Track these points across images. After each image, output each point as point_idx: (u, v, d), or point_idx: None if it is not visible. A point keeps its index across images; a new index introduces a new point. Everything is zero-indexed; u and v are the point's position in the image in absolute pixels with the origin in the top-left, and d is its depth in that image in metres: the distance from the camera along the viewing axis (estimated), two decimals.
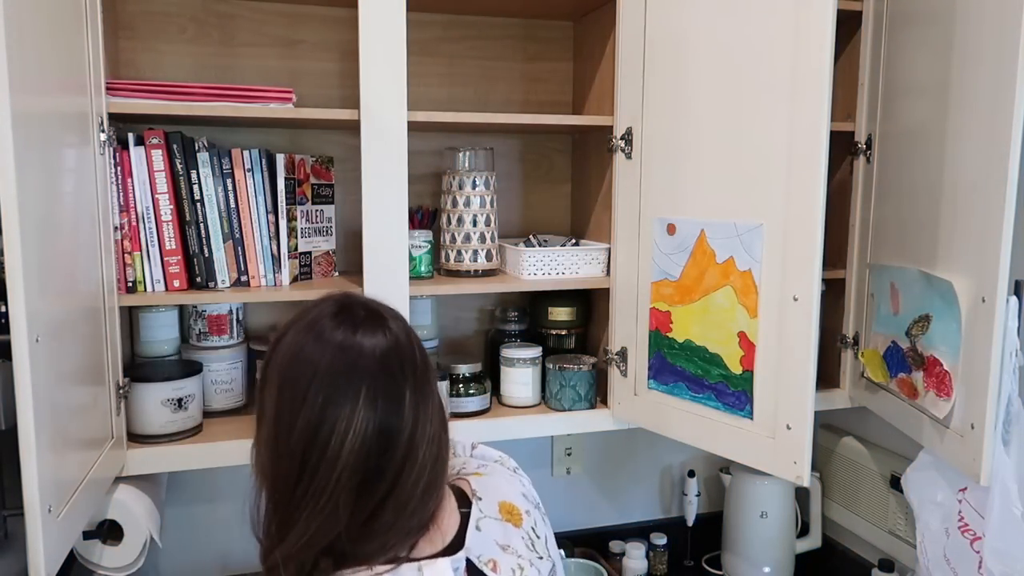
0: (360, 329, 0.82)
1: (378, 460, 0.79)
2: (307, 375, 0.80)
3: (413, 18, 1.36)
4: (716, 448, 1.38)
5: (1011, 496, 1.20)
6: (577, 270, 1.57)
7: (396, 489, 0.80)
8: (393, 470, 0.79)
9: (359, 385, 0.79)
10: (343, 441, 0.77)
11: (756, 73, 1.25)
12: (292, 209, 1.47)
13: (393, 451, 0.79)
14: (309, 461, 0.78)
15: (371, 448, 0.78)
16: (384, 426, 0.79)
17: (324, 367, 0.79)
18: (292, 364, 0.82)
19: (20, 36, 0.89)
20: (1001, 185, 1.13)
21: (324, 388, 0.79)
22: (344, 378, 0.79)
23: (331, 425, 0.78)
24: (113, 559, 1.34)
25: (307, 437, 0.78)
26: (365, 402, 0.78)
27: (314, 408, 0.78)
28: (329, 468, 0.77)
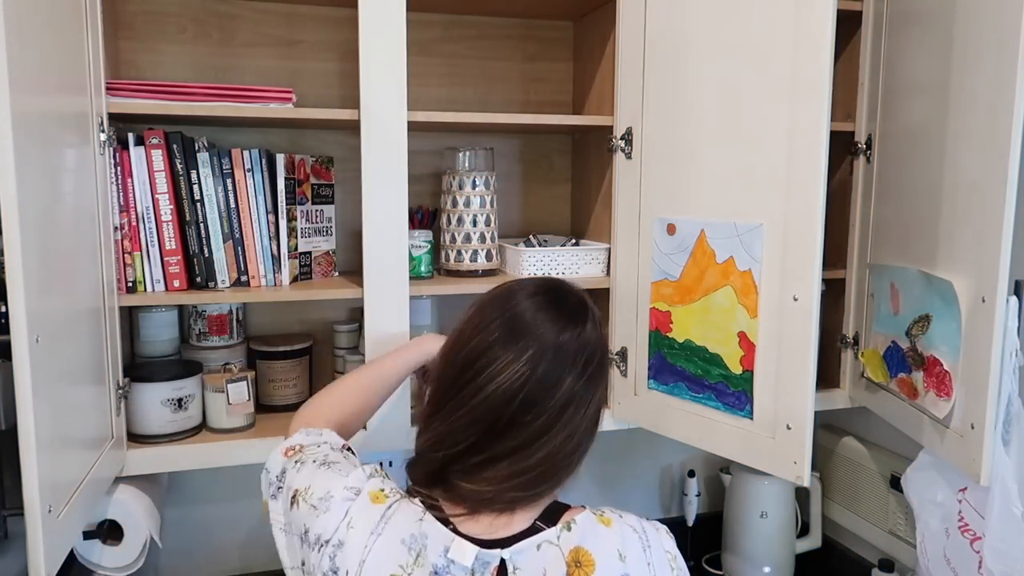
0: (562, 308, 0.90)
1: (513, 414, 0.85)
2: (498, 312, 0.90)
3: (413, 18, 1.36)
4: (716, 448, 1.38)
5: (1011, 496, 1.20)
6: (577, 270, 1.57)
7: (520, 452, 0.86)
8: (525, 434, 0.86)
9: (532, 344, 0.86)
10: (492, 379, 0.86)
11: (756, 73, 1.25)
12: (292, 209, 1.47)
13: (531, 417, 0.85)
14: (461, 378, 0.88)
15: (513, 399, 0.85)
16: (532, 390, 0.85)
17: (514, 313, 0.89)
18: (495, 298, 0.93)
19: (20, 36, 0.89)
20: (1001, 185, 1.13)
21: (503, 329, 0.88)
22: (524, 332, 0.87)
23: (490, 360, 0.86)
24: (113, 559, 1.34)
25: (470, 359, 0.88)
26: (528, 360, 0.86)
27: (486, 339, 0.88)
28: (472, 394, 0.86)
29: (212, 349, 1.52)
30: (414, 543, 0.86)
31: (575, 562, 0.86)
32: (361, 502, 0.90)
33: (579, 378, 0.88)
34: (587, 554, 0.87)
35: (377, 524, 0.88)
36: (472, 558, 0.85)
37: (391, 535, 0.87)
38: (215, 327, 1.52)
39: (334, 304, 1.66)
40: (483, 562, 0.85)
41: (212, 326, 1.52)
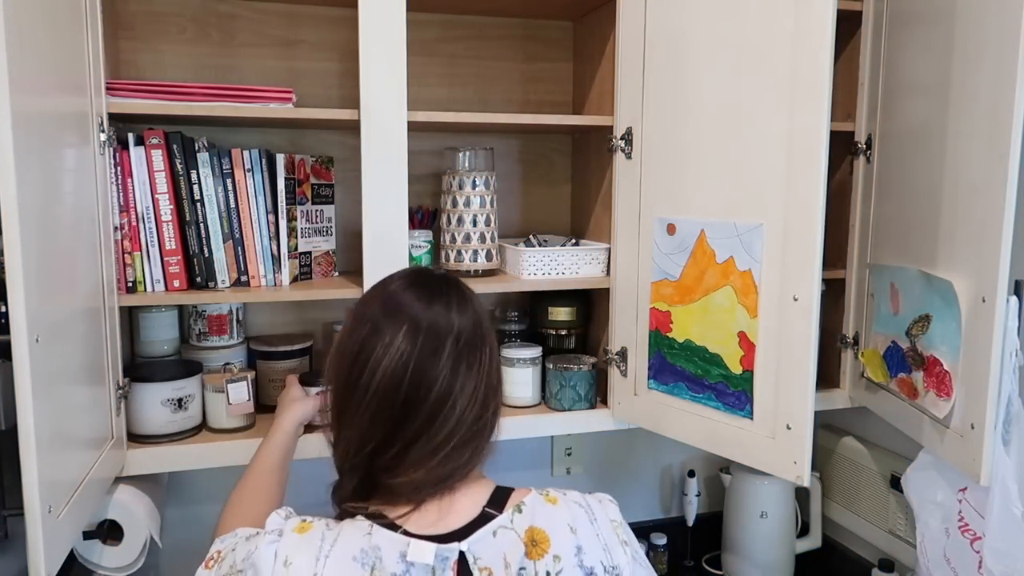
0: (427, 285, 0.94)
1: (408, 393, 0.87)
2: (370, 305, 0.93)
3: (413, 18, 1.36)
4: (716, 448, 1.38)
5: (1011, 496, 1.20)
6: (577, 270, 1.57)
7: (429, 431, 0.88)
8: (426, 411, 0.88)
9: (403, 322, 0.89)
10: (377, 367, 0.88)
11: (756, 73, 1.25)
12: (292, 209, 1.47)
13: (425, 392, 0.87)
14: (351, 379, 0.90)
15: (401, 380, 0.87)
16: (417, 364, 0.87)
17: (382, 301, 0.93)
18: (364, 298, 0.97)
19: (20, 36, 0.89)
20: (1001, 185, 1.13)
21: (375, 318, 0.91)
22: (394, 313, 0.90)
23: (371, 350, 0.89)
24: (113, 559, 1.34)
25: (353, 356, 0.90)
26: (404, 337, 0.88)
27: (362, 332, 0.90)
28: (364, 389, 0.88)
29: (212, 349, 1.52)
30: (366, 558, 0.84)
31: (531, 541, 0.87)
32: (288, 539, 0.87)
33: (457, 342, 0.90)
34: (541, 532, 0.88)
35: (320, 548, 0.85)
36: (432, 555, 0.84)
37: (340, 556, 0.84)
38: (215, 327, 1.52)
39: (334, 304, 1.66)
40: (442, 558, 0.85)
41: (212, 326, 1.52)
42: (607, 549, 0.90)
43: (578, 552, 0.88)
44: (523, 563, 0.86)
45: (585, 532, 0.90)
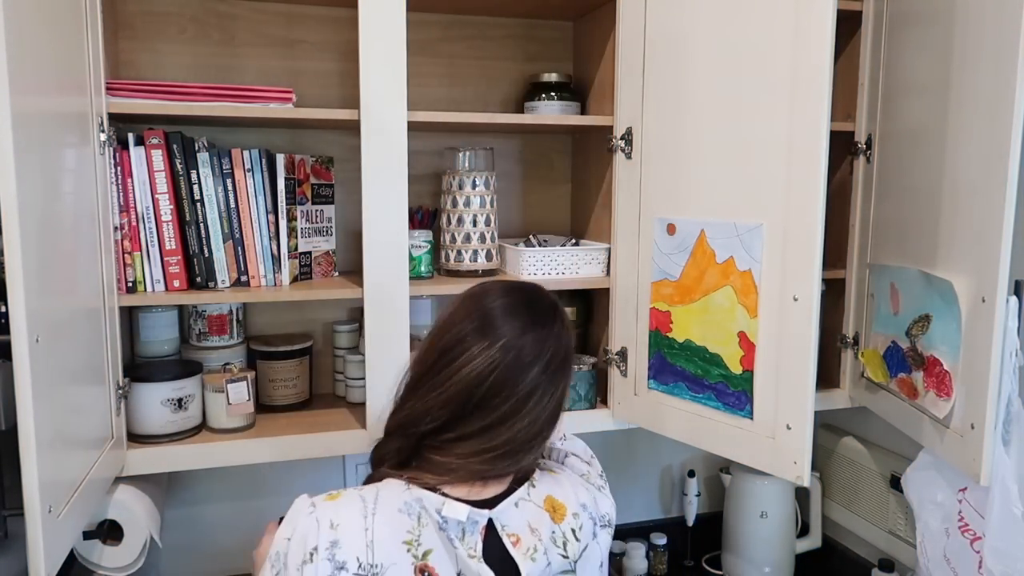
0: (533, 308, 0.98)
1: (483, 397, 0.92)
2: (476, 305, 0.97)
3: (413, 18, 1.36)
4: (716, 448, 1.38)
5: (1011, 496, 1.20)
6: (577, 270, 1.57)
7: (487, 433, 0.93)
8: (492, 416, 0.93)
9: (504, 336, 0.94)
10: (467, 363, 0.93)
11: (756, 73, 1.25)
12: (292, 209, 1.47)
13: (499, 400, 0.93)
14: (439, 363, 0.95)
15: (483, 383, 0.92)
16: (501, 375, 0.93)
17: (490, 307, 0.96)
18: (475, 293, 1.00)
19: (20, 36, 0.89)
20: (1001, 185, 1.13)
21: (479, 320, 0.95)
22: (498, 323, 0.95)
23: (466, 348, 0.94)
24: (113, 559, 1.34)
25: (448, 346, 0.95)
26: (500, 349, 0.93)
27: (464, 329, 0.95)
28: (447, 377, 0.93)
29: (212, 349, 1.52)
30: (411, 508, 0.92)
31: (552, 508, 0.99)
32: (324, 506, 0.92)
33: (544, 370, 0.95)
34: (557, 500, 1.00)
35: (364, 506, 0.92)
36: (465, 514, 0.92)
37: (386, 509, 0.91)
38: (215, 327, 1.52)
39: (334, 304, 1.66)
40: (473, 520, 0.93)
41: (212, 326, 1.52)
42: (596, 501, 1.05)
43: (584, 508, 1.02)
44: (552, 527, 0.97)
45: (579, 491, 1.03)
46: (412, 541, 0.90)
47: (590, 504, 1.03)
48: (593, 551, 1.01)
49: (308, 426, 1.47)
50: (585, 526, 1.00)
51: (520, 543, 0.94)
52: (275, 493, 1.71)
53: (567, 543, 0.97)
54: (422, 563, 0.90)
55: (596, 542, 1.02)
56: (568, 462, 1.14)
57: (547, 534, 0.96)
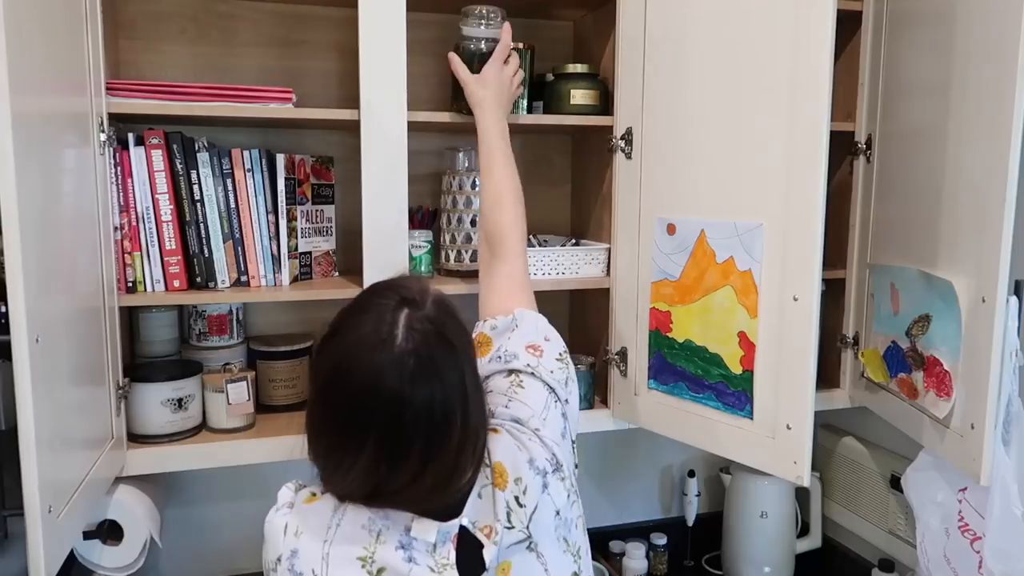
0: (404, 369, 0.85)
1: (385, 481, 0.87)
2: (340, 397, 0.87)
3: (413, 18, 1.36)
4: (716, 448, 1.38)
5: (1011, 496, 1.20)
6: (577, 270, 1.57)
7: (417, 480, 0.86)
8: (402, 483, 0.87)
9: (367, 439, 0.85)
10: (351, 465, 0.86)
11: (756, 73, 1.25)
12: (292, 209, 1.47)
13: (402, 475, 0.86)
14: (332, 458, 0.89)
15: (378, 469, 0.86)
16: (389, 464, 0.86)
17: (347, 408, 0.87)
18: (331, 381, 0.89)
19: (20, 36, 0.89)
20: (1001, 185, 1.13)
21: (337, 427, 0.88)
22: (358, 427, 0.86)
23: (341, 455, 0.87)
24: (113, 559, 1.34)
25: (330, 447, 0.89)
26: (372, 451, 0.85)
27: (331, 438, 0.88)
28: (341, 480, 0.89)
29: (212, 349, 1.52)
30: (373, 525, 0.89)
31: (498, 475, 0.93)
32: (299, 509, 0.93)
33: (426, 439, 0.86)
34: (501, 465, 0.94)
35: (331, 517, 0.90)
36: (434, 534, 0.88)
37: (349, 524, 0.89)
38: (215, 327, 1.52)
39: (334, 304, 1.64)
40: (444, 533, 0.89)
41: (212, 326, 1.52)
42: (535, 452, 0.96)
43: (531, 463, 0.95)
44: (498, 498, 0.91)
45: (522, 449, 0.96)
46: (366, 558, 0.88)
47: (533, 459, 0.96)
48: (544, 506, 0.95)
49: None
50: (531, 486, 0.94)
51: (492, 532, 0.91)
52: (274, 493, 1.71)
53: (511, 513, 0.91)
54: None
55: (547, 494, 0.95)
56: (500, 412, 1.03)
57: (501, 509, 0.91)
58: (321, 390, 0.90)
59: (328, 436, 0.89)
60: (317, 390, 0.91)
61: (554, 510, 0.96)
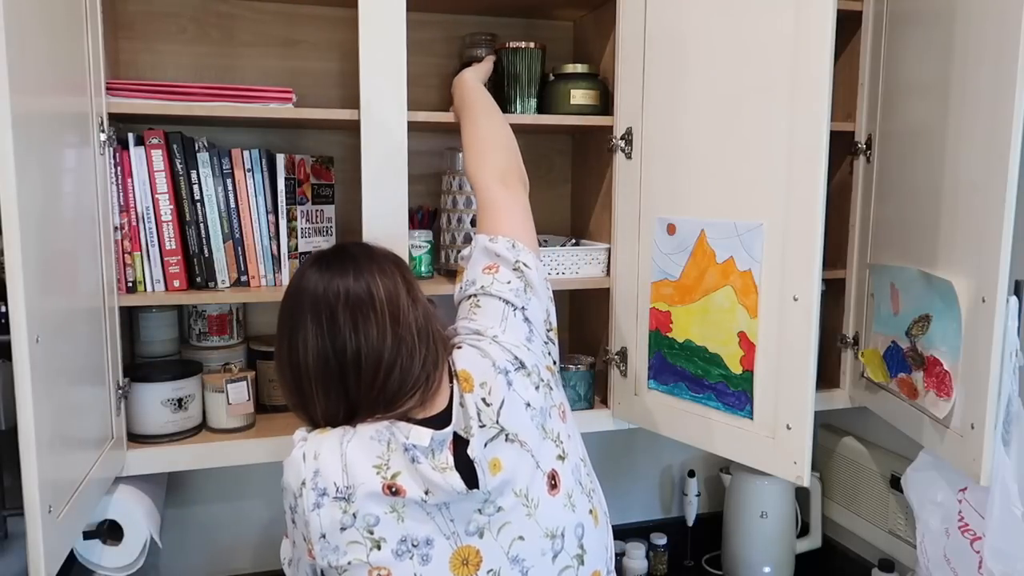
0: (324, 270, 1.05)
1: (336, 367, 1.02)
2: (284, 308, 1.07)
3: (413, 18, 1.36)
4: (716, 448, 1.38)
5: (1011, 496, 1.20)
6: (577, 270, 1.57)
7: (382, 391, 1.02)
8: (357, 372, 1.02)
9: (305, 316, 1.03)
10: (304, 354, 1.02)
11: (756, 73, 1.25)
12: (292, 209, 1.47)
13: (345, 361, 1.02)
14: (288, 370, 1.05)
15: (327, 359, 1.02)
16: (330, 345, 1.02)
17: (288, 302, 1.06)
18: (283, 298, 1.09)
19: (20, 36, 0.89)
20: (1001, 185, 1.13)
21: (287, 318, 1.06)
22: (296, 310, 1.04)
23: (294, 344, 1.03)
24: (113, 559, 1.34)
25: (285, 354, 1.05)
26: (313, 328, 1.02)
27: (284, 333, 1.06)
28: (301, 375, 1.03)
29: (212, 349, 1.52)
30: (381, 436, 0.99)
31: (464, 381, 1.05)
32: (312, 439, 1.01)
33: (350, 309, 1.03)
34: (466, 371, 1.06)
35: (344, 435, 1.00)
36: (428, 439, 0.98)
37: (360, 437, 1.00)
38: (215, 327, 1.52)
39: None
40: (439, 440, 0.99)
41: (212, 326, 1.52)
42: (494, 354, 1.08)
43: (493, 366, 1.06)
44: (466, 398, 1.03)
45: (481, 354, 1.08)
46: (381, 465, 0.98)
47: (495, 362, 1.07)
48: (512, 401, 1.05)
49: None
50: (494, 385, 1.05)
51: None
52: (275, 493, 1.71)
53: (480, 412, 1.02)
54: (390, 482, 0.97)
55: (513, 390, 1.05)
56: (461, 330, 1.17)
57: (471, 409, 1.02)
58: (278, 332, 1.08)
59: (286, 360, 1.05)
60: (277, 341, 1.08)
61: (523, 403, 1.06)
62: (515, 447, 1.02)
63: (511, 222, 1.22)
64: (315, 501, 0.97)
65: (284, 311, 1.07)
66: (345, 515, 0.96)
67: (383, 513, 0.96)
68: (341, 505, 0.96)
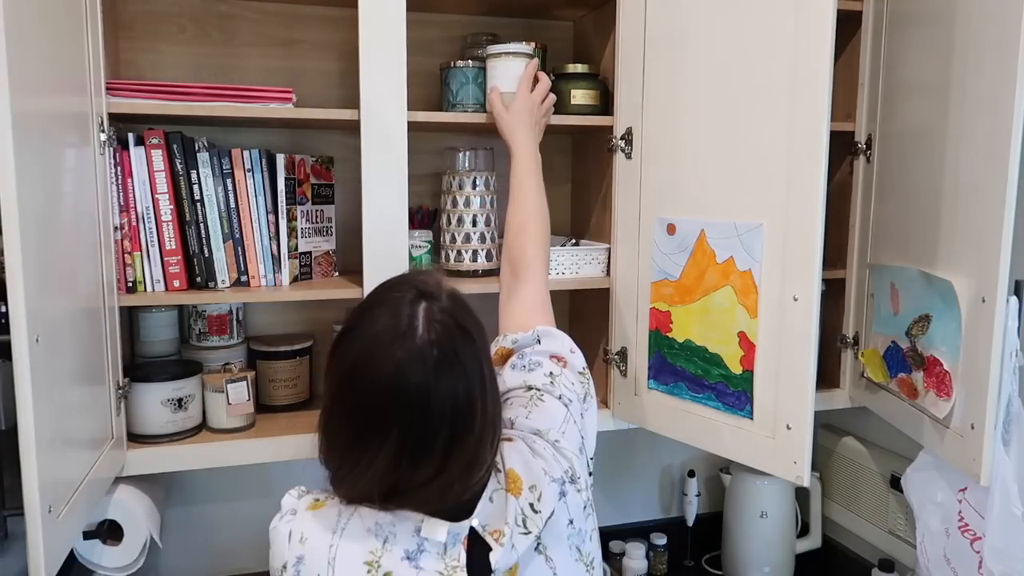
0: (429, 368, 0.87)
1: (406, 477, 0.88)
2: (360, 394, 0.88)
3: (413, 18, 1.36)
4: (716, 448, 1.38)
5: (1011, 496, 1.20)
6: (577, 270, 1.57)
7: (440, 475, 0.88)
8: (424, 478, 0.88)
9: (390, 433, 0.86)
10: (371, 461, 0.87)
11: (756, 73, 1.25)
12: (292, 209, 1.47)
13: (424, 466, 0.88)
14: (351, 456, 0.89)
15: (400, 464, 0.87)
16: (411, 459, 0.87)
17: (368, 404, 0.88)
18: (351, 378, 0.90)
19: (20, 36, 0.89)
20: (1001, 185, 1.13)
21: (358, 424, 0.89)
22: (380, 422, 0.87)
23: (361, 452, 0.88)
24: (113, 559, 1.34)
25: (349, 445, 0.90)
26: (395, 447, 0.86)
27: (351, 435, 0.89)
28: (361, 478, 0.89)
29: (212, 349, 1.52)
30: (380, 530, 0.89)
31: (512, 482, 0.93)
32: (302, 516, 0.93)
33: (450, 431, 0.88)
34: (514, 472, 0.94)
35: (336, 522, 0.90)
36: (445, 533, 0.88)
37: (355, 529, 0.90)
38: (215, 327, 1.52)
39: (334, 304, 1.66)
40: (454, 535, 0.89)
41: (212, 326, 1.52)
42: (551, 463, 0.97)
43: (545, 473, 0.95)
44: (512, 504, 0.91)
45: (538, 458, 0.97)
46: (373, 563, 0.88)
47: (548, 469, 0.96)
48: (560, 513, 0.95)
49: (308, 426, 1.45)
50: (546, 492, 0.94)
51: (501, 536, 0.90)
52: (275, 493, 1.71)
53: (526, 519, 0.91)
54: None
55: (564, 502, 0.96)
56: (519, 423, 1.04)
57: (512, 515, 0.91)
58: (339, 387, 0.90)
59: (347, 433, 0.89)
60: (334, 387, 0.91)
61: (568, 519, 0.97)
62: (540, 559, 0.94)
63: (551, 317, 1.20)
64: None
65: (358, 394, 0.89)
66: None
67: None
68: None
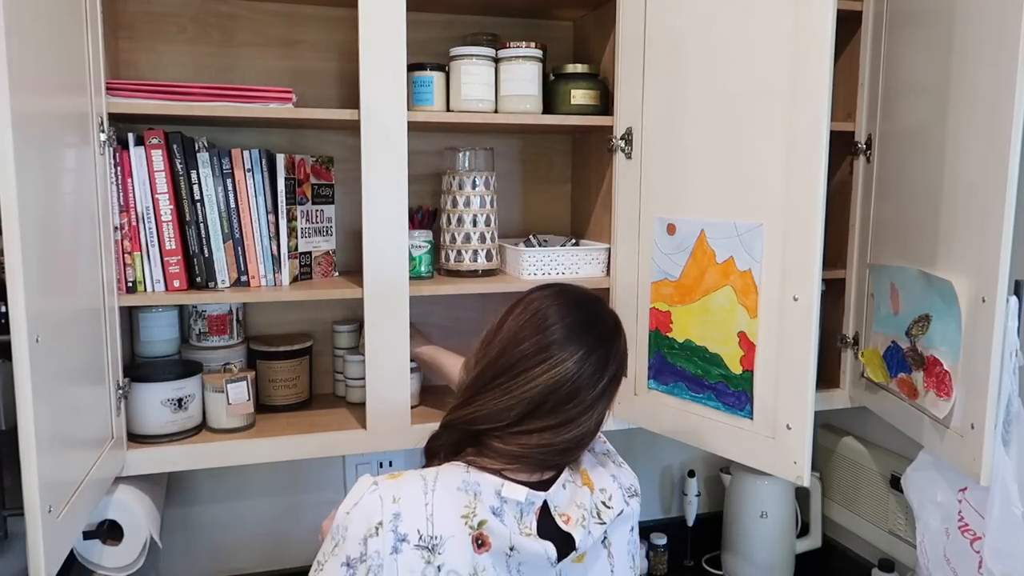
0: (602, 324, 1.05)
1: (558, 401, 0.99)
2: (555, 316, 1.03)
3: (413, 18, 1.36)
4: (716, 448, 1.38)
5: (1011, 496, 1.20)
6: (577, 270, 1.57)
7: (554, 430, 1.00)
8: (562, 417, 1.00)
9: (584, 345, 1.01)
10: (548, 371, 0.99)
11: (756, 73, 1.25)
12: (292, 209, 1.47)
13: (571, 405, 1.00)
14: (515, 368, 1.00)
15: (560, 389, 0.99)
16: (578, 384, 1.00)
17: (568, 320, 1.02)
18: (541, 306, 1.04)
19: (20, 36, 0.89)
20: (1001, 185, 1.13)
21: (563, 331, 1.01)
22: (580, 333, 1.02)
23: (548, 355, 1.00)
24: (113, 559, 1.34)
25: (528, 353, 1.00)
26: (579, 359, 1.00)
27: (545, 339, 1.01)
28: (526, 381, 0.99)
29: (212, 349, 1.52)
30: (468, 488, 0.97)
31: (588, 483, 1.06)
32: (385, 483, 0.97)
33: (609, 382, 1.03)
34: (589, 475, 1.08)
35: (425, 484, 0.97)
36: (524, 495, 0.98)
37: (445, 487, 0.97)
38: (215, 327, 1.52)
39: (334, 304, 1.66)
40: (530, 502, 0.99)
41: (212, 326, 1.52)
42: (620, 475, 1.12)
43: (614, 479, 1.10)
44: (589, 499, 1.04)
45: (608, 469, 1.12)
46: (468, 514, 0.96)
47: (617, 477, 1.11)
48: (626, 515, 1.09)
49: (308, 426, 1.47)
50: (615, 495, 1.08)
51: (570, 520, 1.01)
52: (275, 493, 1.71)
53: (600, 511, 1.05)
54: (478, 532, 0.95)
55: (631, 508, 1.10)
56: (597, 445, 1.22)
57: (589, 506, 1.03)
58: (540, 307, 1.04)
59: (531, 343, 1.01)
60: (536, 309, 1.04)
61: (630, 525, 1.11)
62: (604, 553, 1.07)
63: None
64: (394, 545, 0.92)
65: (551, 324, 1.02)
66: (428, 566, 0.93)
67: (467, 574, 0.94)
68: (423, 555, 0.93)
